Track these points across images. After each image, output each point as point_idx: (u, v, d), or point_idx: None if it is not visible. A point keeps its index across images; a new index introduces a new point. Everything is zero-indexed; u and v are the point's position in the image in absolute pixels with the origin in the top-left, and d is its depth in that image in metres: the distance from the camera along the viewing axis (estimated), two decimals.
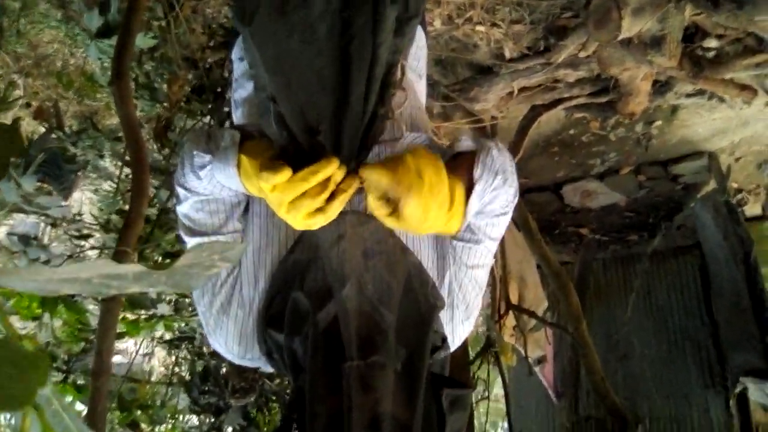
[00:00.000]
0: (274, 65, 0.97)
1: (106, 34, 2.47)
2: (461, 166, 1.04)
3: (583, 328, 2.91)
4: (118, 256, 1.78)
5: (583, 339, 2.86)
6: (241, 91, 1.42)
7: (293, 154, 0.95)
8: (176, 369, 4.19)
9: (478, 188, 1.01)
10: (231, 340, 1.09)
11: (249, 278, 1.09)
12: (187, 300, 2.53)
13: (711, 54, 2.85)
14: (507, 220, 1.15)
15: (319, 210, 0.93)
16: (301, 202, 0.91)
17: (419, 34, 1.42)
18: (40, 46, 4.57)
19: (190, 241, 1.15)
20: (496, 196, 1.07)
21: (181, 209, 1.14)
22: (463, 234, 1.11)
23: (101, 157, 3.93)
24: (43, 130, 3.70)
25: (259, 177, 0.91)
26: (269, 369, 1.13)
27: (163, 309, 2.29)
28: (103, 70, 4.15)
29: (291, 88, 0.96)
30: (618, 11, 2.25)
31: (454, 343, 1.15)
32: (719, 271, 4.51)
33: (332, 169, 0.92)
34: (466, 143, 1.09)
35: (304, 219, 0.93)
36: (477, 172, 1.01)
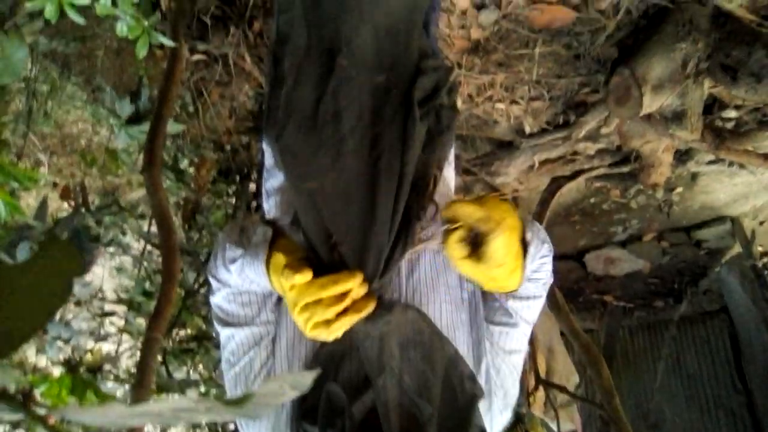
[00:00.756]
0: (301, 180, 0.96)
1: (136, 120, 2.54)
2: None
3: (616, 402, 2.83)
4: (149, 343, 1.78)
5: (617, 414, 2.77)
6: (273, 180, 1.43)
7: (318, 263, 0.95)
8: None
9: (531, 249, 1.00)
10: None
11: (283, 370, 1.08)
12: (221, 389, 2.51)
13: (730, 124, 2.87)
14: (542, 302, 1.15)
15: (327, 323, 0.92)
16: (314, 308, 0.91)
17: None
18: (65, 125, 4.69)
19: (223, 332, 1.14)
20: (543, 264, 1.07)
21: (214, 300, 1.15)
22: (500, 318, 1.11)
23: (124, 234, 3.98)
24: (67, 207, 3.77)
25: (281, 274, 0.92)
26: None
27: (193, 394, 2.26)
28: (126, 147, 4.25)
29: (315, 203, 0.95)
30: (638, 89, 2.28)
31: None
32: (750, 337, 4.42)
33: (353, 284, 0.91)
34: None
35: (311, 328, 0.92)
36: (529, 235, 1.00)
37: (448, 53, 2.50)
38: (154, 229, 3.32)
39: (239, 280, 1.06)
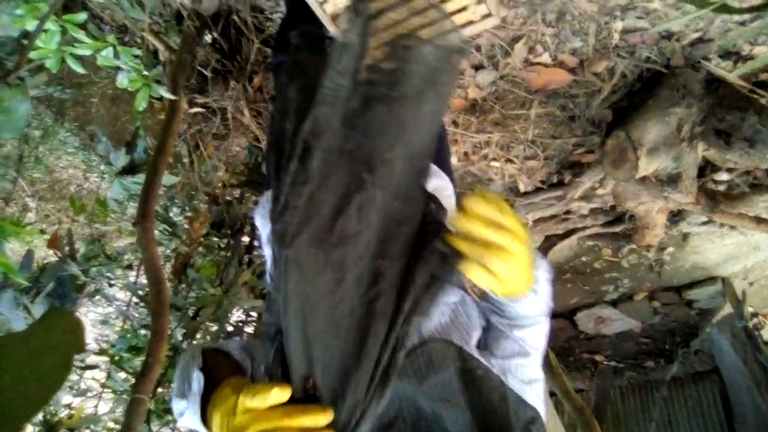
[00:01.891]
0: (296, 298, 0.84)
1: (130, 171, 2.52)
2: None
3: None
4: (135, 404, 1.72)
5: None
6: (267, 249, 1.40)
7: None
8: None
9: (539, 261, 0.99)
10: None
11: None
12: None
13: (722, 186, 2.90)
14: (547, 327, 1.12)
15: None
16: None
17: (445, 182, 1.45)
18: (55, 171, 4.67)
19: None
20: (546, 287, 1.04)
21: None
22: (511, 349, 1.09)
23: (110, 285, 3.91)
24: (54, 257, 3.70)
25: (249, 391, 0.80)
26: None
27: None
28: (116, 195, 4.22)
29: (304, 327, 0.84)
30: (634, 152, 2.30)
31: None
32: (741, 398, 4.37)
33: (323, 421, 0.79)
34: None
35: None
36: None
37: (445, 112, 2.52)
38: (140, 279, 3.26)
39: (194, 428, 0.99)
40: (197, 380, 0.96)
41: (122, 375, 2.69)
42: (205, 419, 0.92)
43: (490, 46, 2.34)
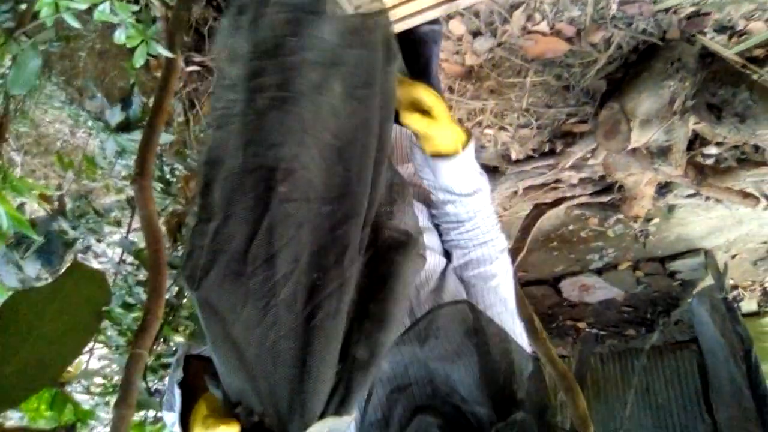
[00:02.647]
0: (221, 339, 0.79)
1: (126, 128, 2.51)
2: None
3: (590, 431, 2.86)
4: (134, 359, 1.75)
5: None
6: None
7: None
8: None
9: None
10: None
11: None
12: None
13: (711, 160, 2.94)
14: (492, 217, 1.20)
15: None
16: None
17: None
18: (41, 125, 4.62)
19: None
20: (474, 164, 1.15)
21: None
22: (468, 272, 1.17)
23: (99, 241, 3.91)
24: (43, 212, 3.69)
25: (203, 423, 0.81)
26: None
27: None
28: (102, 150, 4.19)
29: (237, 365, 0.79)
30: (627, 123, 2.33)
31: None
32: (718, 369, 4.49)
33: None
34: None
35: None
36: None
37: (442, 78, 2.52)
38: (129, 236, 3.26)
39: None
40: (178, 397, 0.97)
41: (113, 332, 2.72)
42: None
43: (489, 13, 2.34)
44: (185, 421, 0.92)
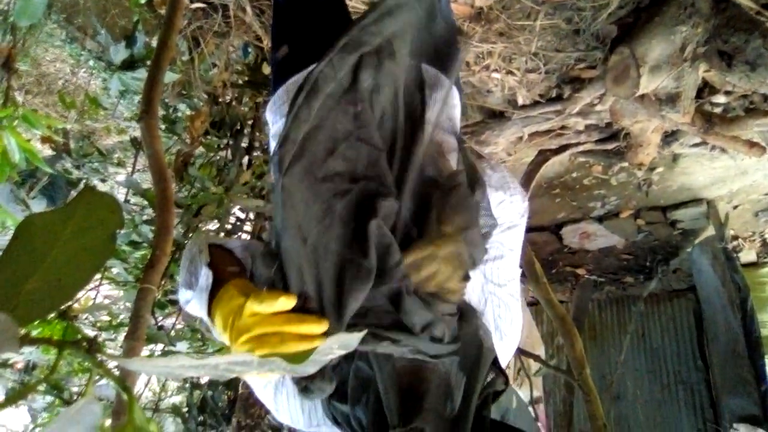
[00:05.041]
0: (290, 222, 0.91)
1: (130, 66, 2.49)
2: None
3: (586, 373, 2.92)
4: (143, 294, 1.78)
5: (587, 385, 2.86)
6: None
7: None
8: (163, 395, 4.15)
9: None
10: (295, 413, 1.08)
11: None
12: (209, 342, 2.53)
13: (719, 109, 2.92)
14: (523, 228, 1.20)
15: (267, 337, 0.85)
16: (268, 340, 0.85)
17: (454, 92, 1.46)
18: (42, 64, 4.57)
19: None
20: (503, 209, 1.13)
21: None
22: (488, 252, 1.14)
23: (103, 181, 3.92)
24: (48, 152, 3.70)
25: (256, 298, 0.87)
26: None
27: (182, 347, 2.28)
28: (104, 91, 4.16)
29: (298, 249, 0.90)
30: (637, 69, 2.31)
31: (505, 357, 1.16)
32: (715, 316, 4.56)
33: (318, 330, 0.87)
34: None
35: (245, 341, 0.86)
36: (478, 194, 1.05)
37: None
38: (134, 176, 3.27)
39: (202, 314, 1.03)
40: (205, 276, 1.00)
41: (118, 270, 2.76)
42: (209, 313, 0.99)
43: None
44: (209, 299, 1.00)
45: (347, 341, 0.61)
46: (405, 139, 1.06)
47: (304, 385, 0.92)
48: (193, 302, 1.04)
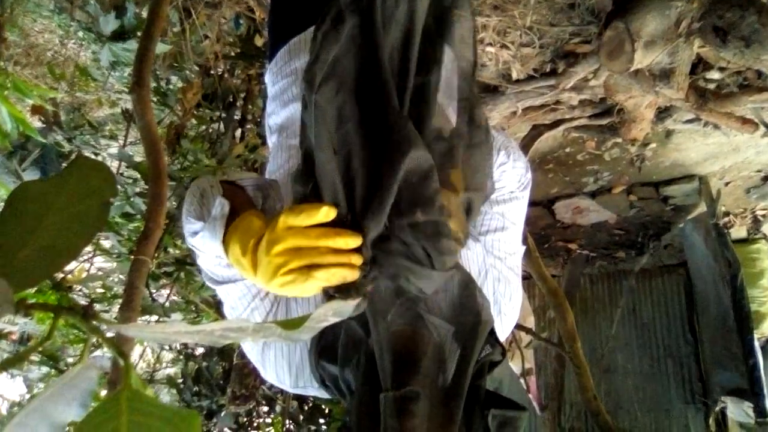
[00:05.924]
0: (324, 137, 0.90)
1: (120, 37, 2.46)
2: None
3: (577, 346, 2.97)
4: (137, 265, 1.79)
5: (578, 358, 2.91)
6: (275, 117, 1.43)
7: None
8: (158, 366, 4.19)
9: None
10: (281, 372, 1.09)
11: (294, 315, 1.07)
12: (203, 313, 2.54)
13: (713, 85, 2.92)
14: (525, 202, 1.19)
15: (308, 269, 0.84)
16: (304, 252, 0.84)
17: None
18: (30, 35, 4.52)
19: (218, 289, 1.12)
20: (503, 173, 1.11)
21: (200, 263, 1.10)
22: (489, 224, 1.15)
23: (96, 154, 3.90)
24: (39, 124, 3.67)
25: (291, 210, 0.86)
26: (325, 395, 1.11)
27: (176, 318, 2.29)
28: (94, 62, 4.11)
29: (332, 163, 0.89)
30: (631, 43, 2.30)
31: (504, 333, 1.16)
32: (706, 291, 4.62)
33: (353, 245, 0.86)
34: None
35: (284, 273, 0.85)
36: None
37: None
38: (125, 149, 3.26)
39: (206, 249, 1.02)
40: (220, 206, 0.98)
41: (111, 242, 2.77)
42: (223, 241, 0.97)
43: None
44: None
45: (342, 309, 0.62)
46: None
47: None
48: (203, 234, 1.00)
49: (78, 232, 0.64)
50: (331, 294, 0.88)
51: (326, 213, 0.85)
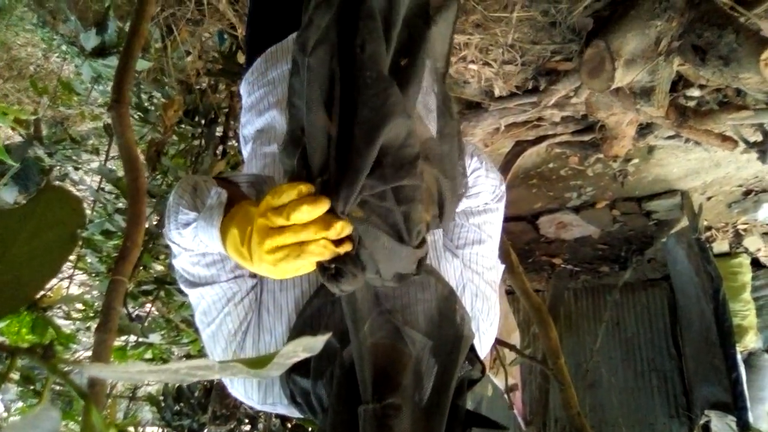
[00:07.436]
0: (314, 103, 0.88)
1: (101, 53, 2.45)
2: None
3: (561, 362, 2.96)
4: (114, 285, 1.76)
5: (562, 374, 2.90)
6: (249, 127, 1.42)
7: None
8: (139, 383, 4.14)
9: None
10: (249, 387, 1.07)
11: (266, 325, 1.06)
12: (183, 334, 2.51)
13: (692, 102, 2.95)
14: (500, 215, 1.20)
15: (300, 246, 0.83)
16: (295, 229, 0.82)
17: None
18: (13, 48, 4.49)
19: (192, 293, 1.11)
20: (477, 178, 1.12)
21: (177, 263, 1.10)
22: (466, 236, 1.15)
23: (77, 169, 3.87)
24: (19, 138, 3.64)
25: (273, 192, 0.85)
26: (295, 413, 1.08)
27: (155, 338, 2.26)
28: (77, 76, 4.09)
29: (322, 126, 0.87)
30: (612, 62, 2.32)
31: (482, 352, 1.14)
32: (689, 306, 4.64)
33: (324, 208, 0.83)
34: None
35: (280, 258, 0.83)
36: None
37: None
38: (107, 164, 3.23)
39: (194, 244, 1.01)
40: (217, 194, 0.97)
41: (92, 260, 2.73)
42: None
43: None
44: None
45: (312, 344, 0.60)
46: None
47: (336, 268, 0.86)
48: (197, 224, 0.99)
49: (44, 263, 0.62)
50: (326, 267, 0.86)
51: (299, 191, 0.83)
